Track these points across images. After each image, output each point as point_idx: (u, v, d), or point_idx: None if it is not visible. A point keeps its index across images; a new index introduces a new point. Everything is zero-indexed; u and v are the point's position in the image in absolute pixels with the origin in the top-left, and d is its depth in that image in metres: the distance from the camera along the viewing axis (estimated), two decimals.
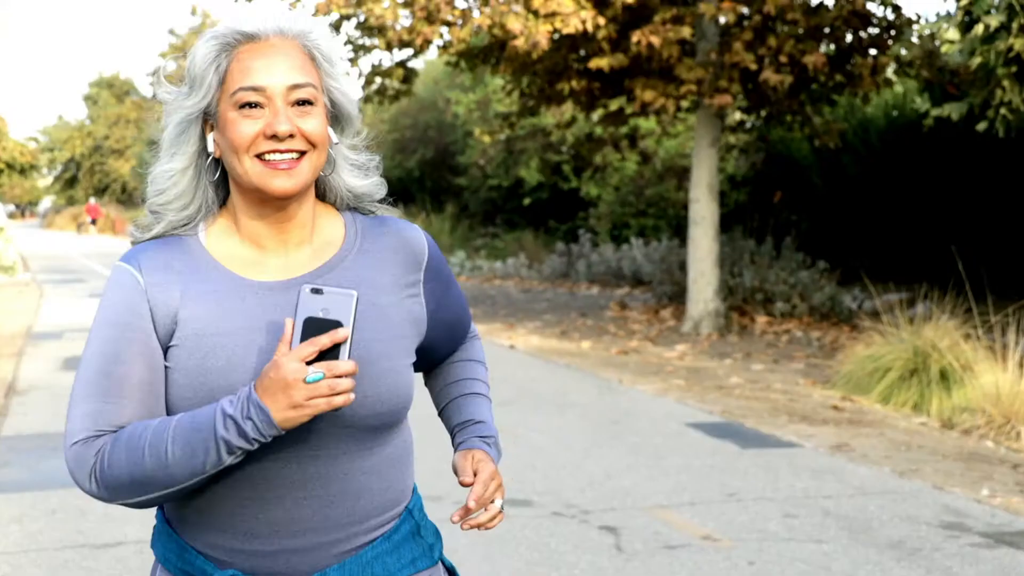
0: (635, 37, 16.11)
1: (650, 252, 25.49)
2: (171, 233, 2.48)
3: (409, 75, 19.73)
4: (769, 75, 16.50)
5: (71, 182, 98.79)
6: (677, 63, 17.02)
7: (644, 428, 10.53)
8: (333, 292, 2.22)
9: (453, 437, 2.73)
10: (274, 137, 2.33)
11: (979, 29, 12.43)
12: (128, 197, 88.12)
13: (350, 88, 2.50)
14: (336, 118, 2.49)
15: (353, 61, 19.44)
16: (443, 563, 2.63)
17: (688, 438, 10.14)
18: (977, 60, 12.78)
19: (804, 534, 7.17)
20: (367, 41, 18.66)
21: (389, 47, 17.69)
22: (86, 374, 2.37)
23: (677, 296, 20.84)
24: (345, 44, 19.08)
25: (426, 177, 38.19)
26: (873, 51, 17.79)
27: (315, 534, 2.38)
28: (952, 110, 13.81)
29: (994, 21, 12.33)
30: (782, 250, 21.05)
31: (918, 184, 21.74)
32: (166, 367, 2.36)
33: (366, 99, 20.10)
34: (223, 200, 2.51)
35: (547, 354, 15.70)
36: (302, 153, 2.36)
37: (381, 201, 2.63)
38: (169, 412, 2.35)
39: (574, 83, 18.60)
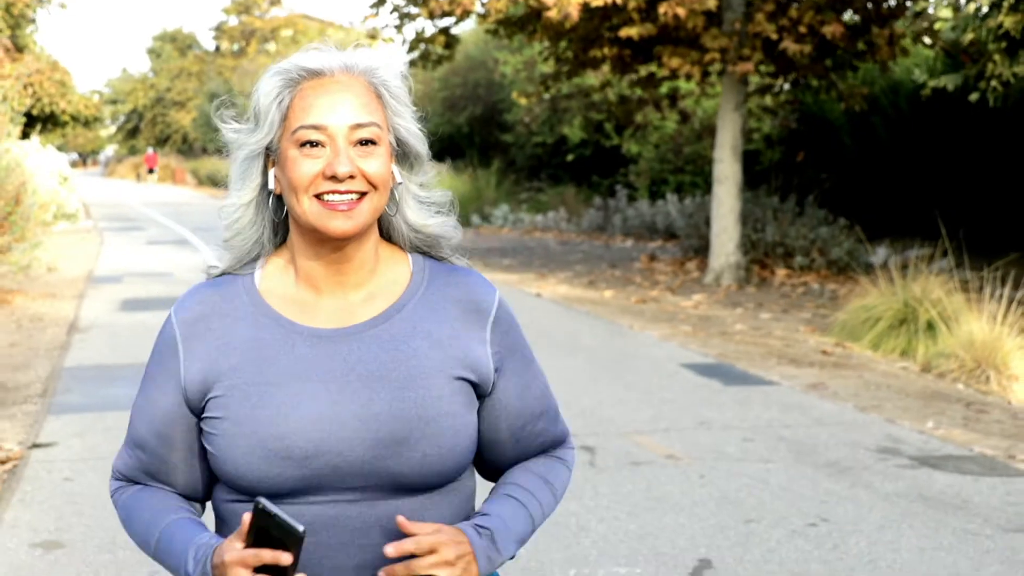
0: (662, 8, 17.07)
1: (684, 207, 26.49)
2: (234, 271, 2.47)
3: (451, 41, 20.82)
4: (789, 44, 17.49)
5: (133, 132, 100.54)
6: (703, 32, 18.03)
7: (642, 368, 11.62)
8: (284, 522, 2.13)
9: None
10: (333, 178, 2.27)
11: (971, 8, 13.39)
12: (188, 147, 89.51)
13: (416, 126, 2.42)
14: (404, 156, 2.42)
15: (398, 28, 20.60)
16: None
17: (679, 376, 11.23)
18: (969, 36, 13.74)
19: (756, 455, 8.26)
20: (412, 10, 19.84)
21: (431, 16, 18.82)
22: (133, 419, 2.46)
23: (702, 250, 21.87)
24: (391, 12, 20.28)
25: (475, 133, 39.24)
26: (889, 22, 18.66)
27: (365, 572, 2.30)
28: (948, 81, 14.78)
29: (985, 0, 13.28)
30: (805, 207, 22.04)
31: (943, 146, 22.51)
32: (213, 417, 2.32)
33: (411, 64, 21.16)
34: (283, 238, 2.47)
35: (571, 302, 16.78)
36: (363, 194, 2.30)
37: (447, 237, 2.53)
38: (221, 460, 2.32)
39: (606, 50, 19.65)
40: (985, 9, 13.25)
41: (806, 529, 6.65)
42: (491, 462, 2.52)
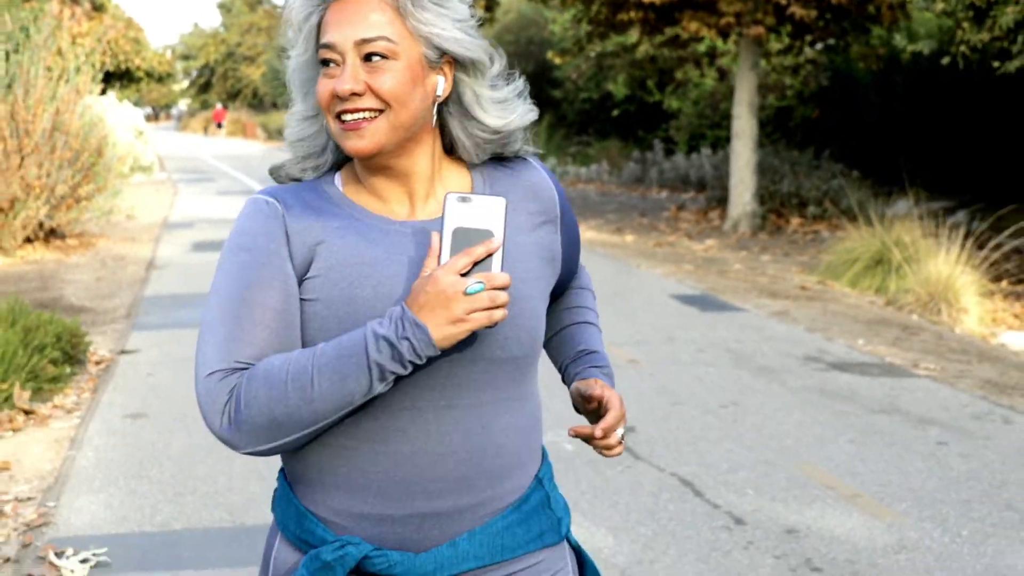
0: None
1: (717, 161, 28.25)
2: (306, 179, 2.42)
3: (491, 4, 22.70)
4: (795, 9, 19.25)
5: (205, 87, 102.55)
6: None
7: (635, 298, 13.51)
8: (481, 199, 2.12)
9: (567, 367, 2.62)
10: (339, 97, 2.22)
11: None
12: (259, 102, 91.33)
13: (462, 32, 2.31)
14: (460, 64, 2.32)
15: None
16: (568, 541, 2.48)
17: (665, 304, 13.12)
18: (940, 6, 15.47)
19: (702, 361, 10.16)
20: None
21: None
22: (218, 300, 2.25)
23: (724, 200, 23.67)
24: None
25: (527, 89, 41.13)
26: None
27: (451, 496, 2.25)
28: (924, 46, 16.48)
29: None
30: (822, 161, 23.79)
31: (958, 105, 24.01)
32: (306, 300, 2.24)
33: None
34: None
35: (593, 245, 18.64)
36: (379, 111, 2.23)
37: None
38: (307, 346, 2.24)
39: (632, 14, 21.44)
40: None
41: (719, 409, 8.55)
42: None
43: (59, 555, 5.70)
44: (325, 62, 2.24)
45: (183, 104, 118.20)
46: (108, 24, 41.71)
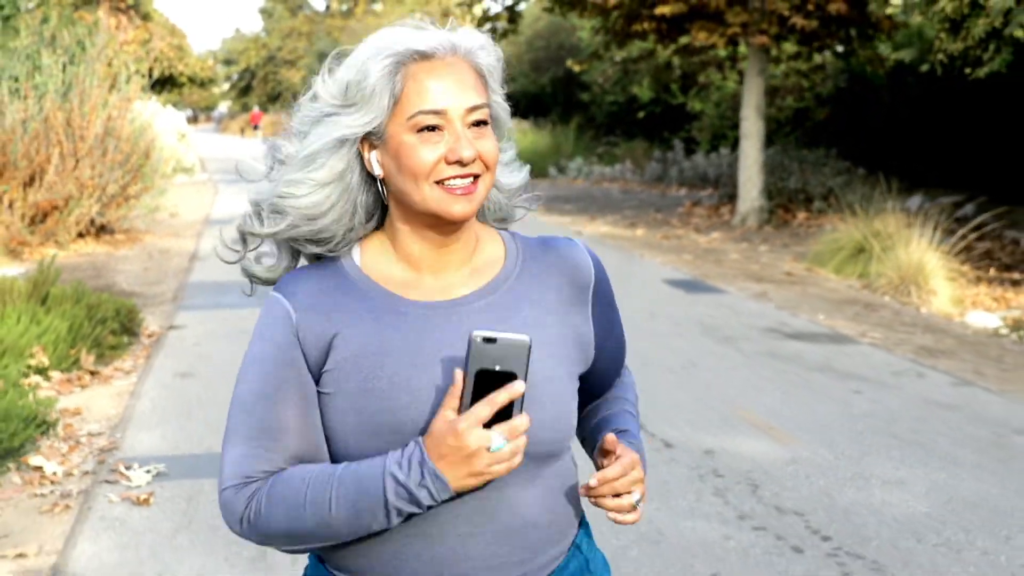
0: None
1: (732, 159, 29.59)
2: (317, 249, 2.39)
3: (514, 16, 24.36)
4: (797, 19, 20.70)
5: (246, 90, 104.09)
6: (727, 9, 21.32)
7: (630, 283, 14.95)
8: (507, 340, 2.07)
9: (595, 437, 2.55)
10: (458, 163, 2.23)
11: None
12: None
13: (504, 100, 2.40)
14: (496, 130, 2.37)
15: (469, 6, 24.20)
16: None
17: (656, 287, 14.60)
18: (918, 19, 16.89)
19: (675, 333, 11.62)
20: None
21: None
22: (239, 414, 2.29)
23: (735, 196, 25.06)
24: None
25: (557, 92, 42.72)
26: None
27: (484, 573, 2.27)
28: (905, 54, 17.89)
29: None
30: (829, 159, 25.19)
31: (964, 107, 25.16)
32: (324, 393, 2.26)
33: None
34: (371, 218, 2.42)
35: (604, 238, 20.11)
36: (477, 176, 2.26)
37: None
38: (329, 438, 2.28)
39: (646, 25, 22.92)
40: None
41: (678, 368, 10.03)
42: (583, 394, 2.53)
43: (127, 468, 7.23)
44: (423, 128, 2.23)
45: (223, 107, 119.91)
46: (153, 32, 42.97)
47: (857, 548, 6.01)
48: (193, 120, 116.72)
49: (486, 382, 2.06)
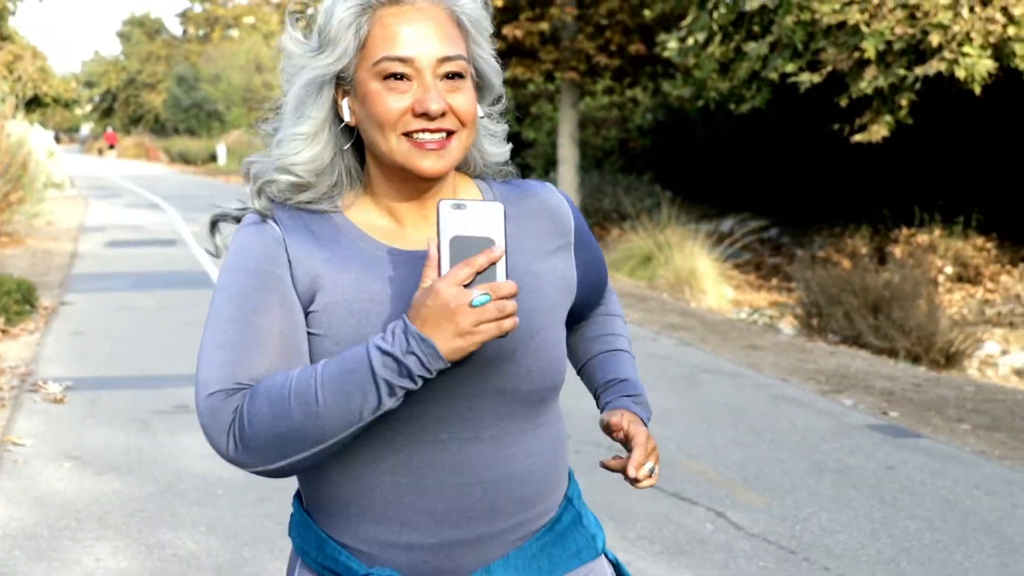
0: (505, 31, 23.36)
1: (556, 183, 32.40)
2: (307, 205, 2.24)
3: None
4: (600, 59, 23.78)
5: (108, 112, 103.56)
6: (540, 48, 24.30)
7: None
8: (477, 205, 2.00)
9: (598, 396, 2.54)
10: (425, 115, 2.11)
11: (691, 40, 19.56)
12: (160, 127, 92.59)
13: (494, 56, 2.27)
14: (478, 87, 2.24)
15: None
16: (606, 555, 2.43)
17: None
18: (692, 61, 19.96)
19: None
20: None
21: None
22: (219, 321, 2.14)
23: None
24: None
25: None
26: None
27: (481, 524, 2.20)
28: (684, 91, 20.99)
29: (701, 37, 19.44)
30: (641, 183, 28.15)
31: (766, 137, 27.76)
32: (314, 335, 2.15)
33: None
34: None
35: None
36: (451, 132, 2.14)
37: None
38: None
39: None
40: (702, 40, 19.36)
41: None
42: (569, 319, 2.43)
43: (44, 383, 9.95)
44: (390, 76, 2.12)
45: (86, 128, 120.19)
46: (16, 53, 44.16)
47: None
48: (57, 141, 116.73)
49: (462, 250, 1.99)
